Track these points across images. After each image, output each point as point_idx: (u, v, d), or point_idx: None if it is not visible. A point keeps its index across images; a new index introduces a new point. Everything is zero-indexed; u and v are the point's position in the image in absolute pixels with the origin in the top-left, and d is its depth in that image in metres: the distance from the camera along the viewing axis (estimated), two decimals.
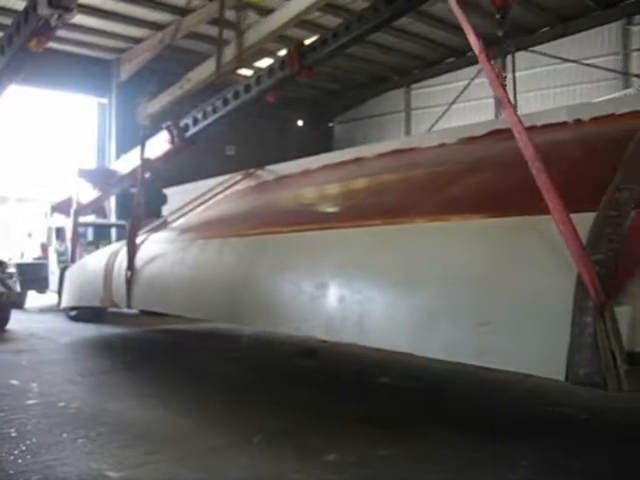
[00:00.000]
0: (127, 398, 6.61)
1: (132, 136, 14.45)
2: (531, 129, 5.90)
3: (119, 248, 8.84)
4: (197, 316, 7.61)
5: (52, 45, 18.00)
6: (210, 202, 9.42)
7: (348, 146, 13.02)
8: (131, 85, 19.70)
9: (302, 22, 18.21)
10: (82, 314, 12.33)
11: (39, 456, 4.88)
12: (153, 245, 8.30)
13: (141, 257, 8.10)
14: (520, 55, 19.51)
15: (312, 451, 4.98)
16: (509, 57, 20.28)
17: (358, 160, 7.69)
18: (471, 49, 4.19)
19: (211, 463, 4.79)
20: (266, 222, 6.98)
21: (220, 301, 6.65)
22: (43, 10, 7.14)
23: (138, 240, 8.40)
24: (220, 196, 9.59)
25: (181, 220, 9.28)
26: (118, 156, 18.84)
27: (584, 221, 3.95)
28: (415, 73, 24.43)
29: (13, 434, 5.44)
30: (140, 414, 6.07)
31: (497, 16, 8.43)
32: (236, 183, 9.70)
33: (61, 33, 17.08)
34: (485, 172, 5.37)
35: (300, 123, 27.07)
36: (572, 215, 3.94)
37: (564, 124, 5.81)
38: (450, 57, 22.59)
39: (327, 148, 22.19)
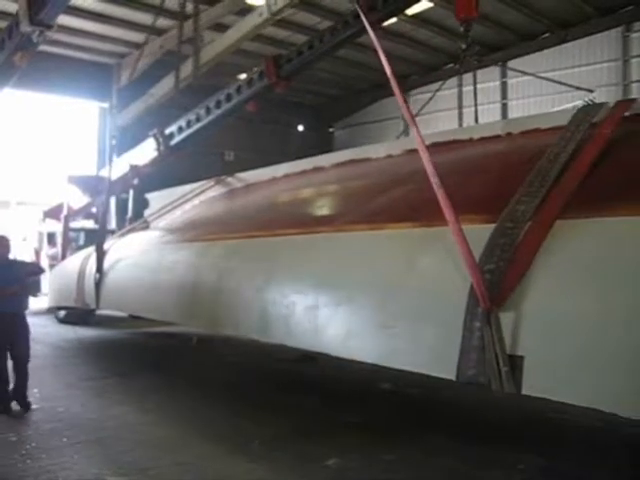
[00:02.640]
0: (124, 404, 6.68)
1: (132, 140, 14.79)
2: (469, 141, 6.18)
3: (92, 251, 9.12)
4: (153, 317, 7.81)
5: (53, 50, 18.47)
6: (181, 208, 9.69)
7: None
8: (131, 90, 20.01)
9: (301, 27, 18.49)
10: (69, 316, 12.55)
11: (39, 460, 4.93)
12: (120, 249, 8.59)
13: (109, 260, 8.39)
14: (518, 62, 19.81)
15: (312, 457, 5.00)
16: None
17: (316, 169, 7.93)
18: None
19: (212, 469, 4.82)
20: (218, 229, 7.26)
21: (173, 303, 6.88)
22: (25, 27, 7.64)
23: (108, 244, 8.68)
24: (196, 201, 9.86)
25: (150, 225, 9.56)
26: None
27: (488, 232, 4.16)
28: (414, 79, 24.47)
29: (13, 438, 5.51)
30: (137, 419, 6.11)
31: (461, 29, 8.64)
32: (208, 189, 9.96)
33: (62, 37, 17.55)
34: (413, 184, 5.57)
35: (301, 128, 27.21)
36: (478, 226, 4.18)
37: (498, 137, 5.98)
38: (449, 63, 22.61)
39: (327, 153, 22.26)
